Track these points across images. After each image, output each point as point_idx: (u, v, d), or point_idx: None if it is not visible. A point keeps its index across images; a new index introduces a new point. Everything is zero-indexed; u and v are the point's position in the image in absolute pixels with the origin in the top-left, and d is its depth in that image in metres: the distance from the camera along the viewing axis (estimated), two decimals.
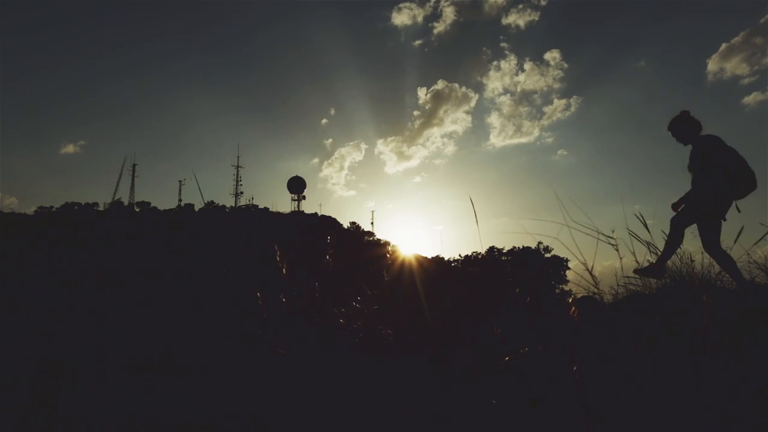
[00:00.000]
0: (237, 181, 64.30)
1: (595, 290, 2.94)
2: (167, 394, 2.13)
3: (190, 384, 2.19)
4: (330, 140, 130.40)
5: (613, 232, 4.22)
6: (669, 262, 3.98)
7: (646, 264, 3.99)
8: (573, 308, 1.51)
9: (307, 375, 2.15)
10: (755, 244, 3.59)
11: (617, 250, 3.69)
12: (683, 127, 4.47)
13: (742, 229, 3.60)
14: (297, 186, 63.31)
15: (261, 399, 2.02)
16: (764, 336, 2.10)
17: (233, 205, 62.06)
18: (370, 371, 2.26)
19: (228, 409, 1.96)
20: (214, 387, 2.13)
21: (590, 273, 2.61)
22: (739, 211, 4.12)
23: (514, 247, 55.41)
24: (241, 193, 64.69)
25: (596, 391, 1.77)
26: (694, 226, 3.93)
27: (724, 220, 4.09)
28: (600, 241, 4.16)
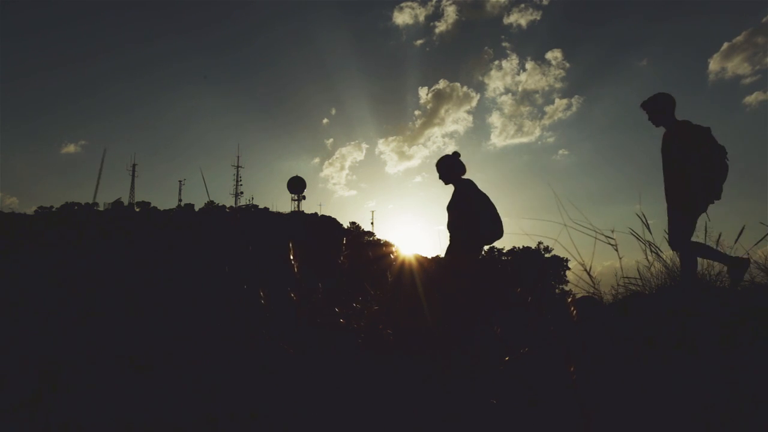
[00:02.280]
0: (237, 181, 64.31)
1: (594, 291, 2.94)
2: (167, 394, 2.13)
3: (191, 384, 2.19)
4: (331, 140, 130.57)
5: (612, 231, 4.21)
6: (669, 262, 3.98)
7: (648, 264, 4.00)
8: (572, 308, 1.51)
9: (310, 375, 2.15)
10: (756, 244, 3.58)
11: (616, 250, 3.68)
12: (445, 168, 4.54)
13: (743, 229, 3.60)
14: (297, 186, 63.27)
15: (262, 398, 2.02)
16: (764, 336, 2.10)
17: (233, 205, 62.07)
18: (372, 371, 2.26)
19: (229, 409, 1.96)
20: (215, 387, 2.13)
21: (588, 274, 2.61)
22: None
23: (514, 247, 55.45)
24: (241, 193, 64.71)
25: (595, 392, 1.77)
26: (699, 221, 3.92)
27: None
28: (599, 241, 4.17)
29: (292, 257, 2.47)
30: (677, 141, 4.03)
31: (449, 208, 4.49)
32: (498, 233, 4.36)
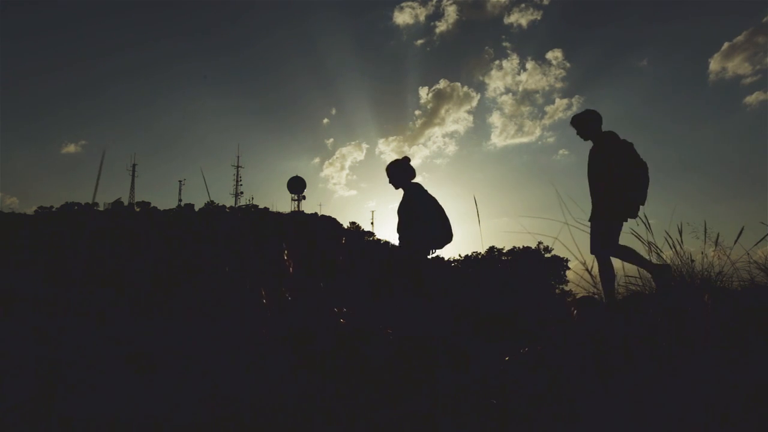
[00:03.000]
0: (237, 181, 64.35)
1: (595, 290, 2.94)
2: (168, 394, 2.13)
3: (191, 384, 2.19)
4: (331, 140, 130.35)
5: None
6: (669, 262, 3.98)
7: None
8: (573, 308, 1.51)
9: (310, 373, 2.15)
10: (756, 244, 3.58)
11: None
12: (395, 173, 4.59)
13: (742, 229, 3.60)
14: (297, 186, 63.27)
15: (264, 397, 2.02)
16: (764, 336, 2.10)
17: (233, 205, 62.08)
18: (372, 370, 2.26)
19: (230, 408, 1.96)
20: (216, 386, 2.13)
21: (590, 273, 2.61)
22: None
23: (514, 247, 55.44)
24: (241, 193, 64.75)
25: (596, 391, 1.77)
26: (699, 222, 3.95)
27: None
28: None
29: (286, 257, 2.48)
30: (604, 154, 4.23)
31: (399, 211, 4.53)
32: (445, 238, 4.39)
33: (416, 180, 4.59)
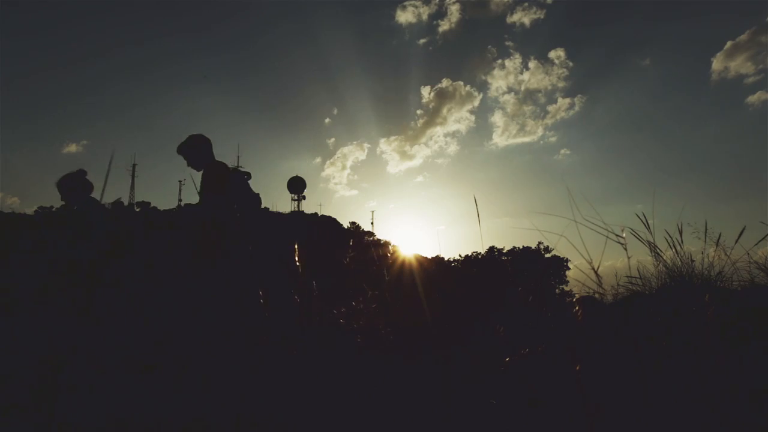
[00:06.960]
0: None
1: (600, 290, 2.93)
2: (167, 394, 2.12)
3: (191, 384, 2.19)
4: (333, 140, 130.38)
5: (622, 231, 4.17)
6: (669, 261, 3.97)
7: (654, 263, 3.98)
8: (577, 307, 1.51)
9: (311, 375, 2.15)
10: (756, 244, 3.57)
11: (626, 249, 3.65)
12: (70, 187, 4.64)
13: (743, 229, 3.59)
14: (297, 186, 63.27)
15: (264, 398, 2.01)
16: (764, 336, 2.10)
17: None
18: (372, 371, 2.26)
19: (230, 409, 1.96)
20: (216, 386, 2.12)
21: (595, 272, 2.60)
22: None
23: (514, 247, 55.46)
24: None
25: (598, 392, 1.77)
26: (700, 221, 3.90)
27: None
28: (609, 239, 4.12)
29: (297, 258, 2.47)
30: (213, 184, 3.98)
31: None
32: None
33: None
